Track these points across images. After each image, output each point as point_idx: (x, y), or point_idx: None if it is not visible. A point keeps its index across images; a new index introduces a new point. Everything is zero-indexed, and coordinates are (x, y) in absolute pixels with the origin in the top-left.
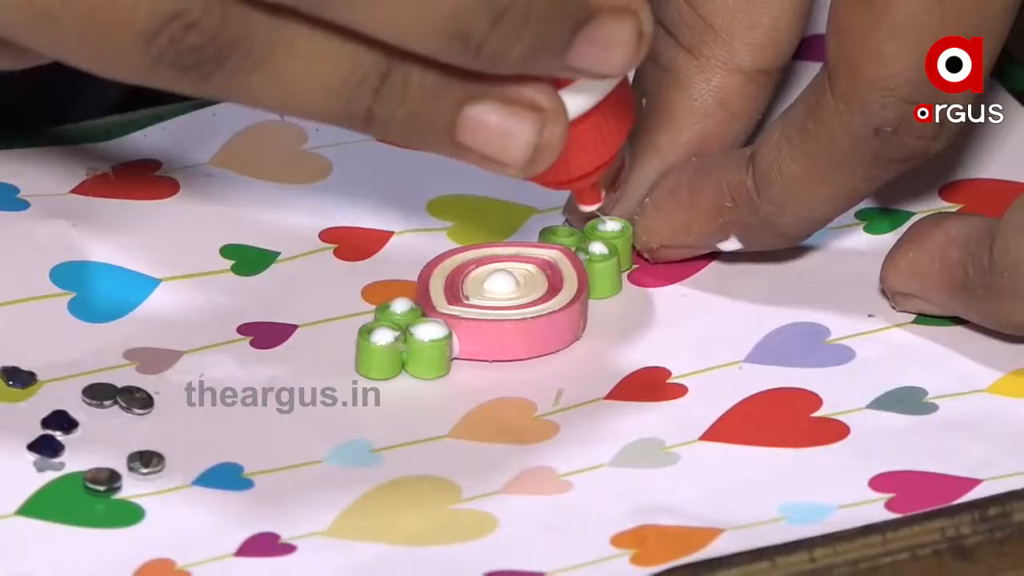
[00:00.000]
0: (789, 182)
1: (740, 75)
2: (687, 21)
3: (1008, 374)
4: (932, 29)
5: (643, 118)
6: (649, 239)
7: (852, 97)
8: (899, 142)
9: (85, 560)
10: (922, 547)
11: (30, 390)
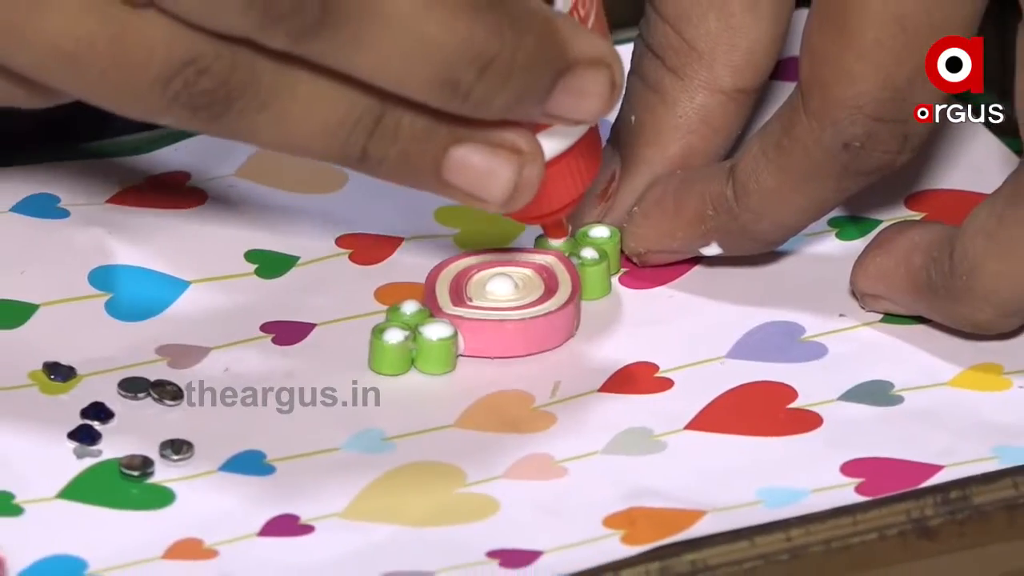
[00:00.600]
0: (765, 192)
1: (721, 94)
2: (672, 44)
3: (968, 369)
4: (896, 53)
5: (633, 134)
6: (637, 244)
7: (823, 114)
8: (866, 156)
9: (120, 539)
10: (889, 528)
11: (70, 383)
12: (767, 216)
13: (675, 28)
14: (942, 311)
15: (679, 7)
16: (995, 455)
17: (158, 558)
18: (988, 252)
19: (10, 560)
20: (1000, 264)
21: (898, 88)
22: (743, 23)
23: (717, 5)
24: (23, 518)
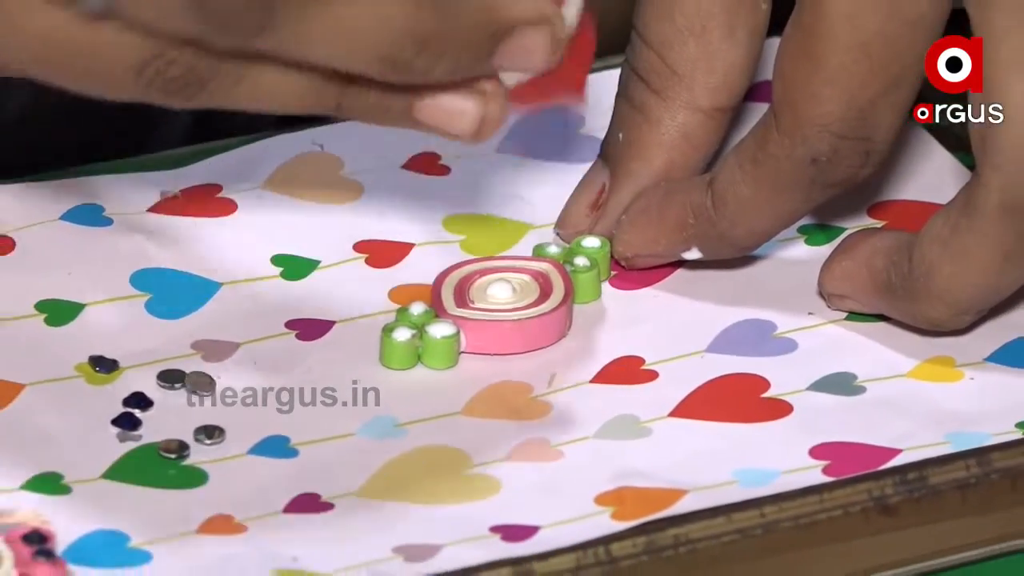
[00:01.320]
0: (741, 202)
1: (700, 113)
2: (655, 68)
3: (924, 362)
4: (860, 78)
5: (620, 150)
6: (625, 250)
7: (794, 132)
8: (832, 170)
9: (159, 515)
10: (853, 505)
11: (113, 375)
12: (742, 223)
13: (658, 53)
14: (901, 310)
15: (663, 34)
16: (948, 440)
17: (193, 532)
18: (942, 257)
19: (59, 535)
20: (953, 267)
21: (861, 109)
22: (720, 49)
23: (697, 33)
24: (71, 497)
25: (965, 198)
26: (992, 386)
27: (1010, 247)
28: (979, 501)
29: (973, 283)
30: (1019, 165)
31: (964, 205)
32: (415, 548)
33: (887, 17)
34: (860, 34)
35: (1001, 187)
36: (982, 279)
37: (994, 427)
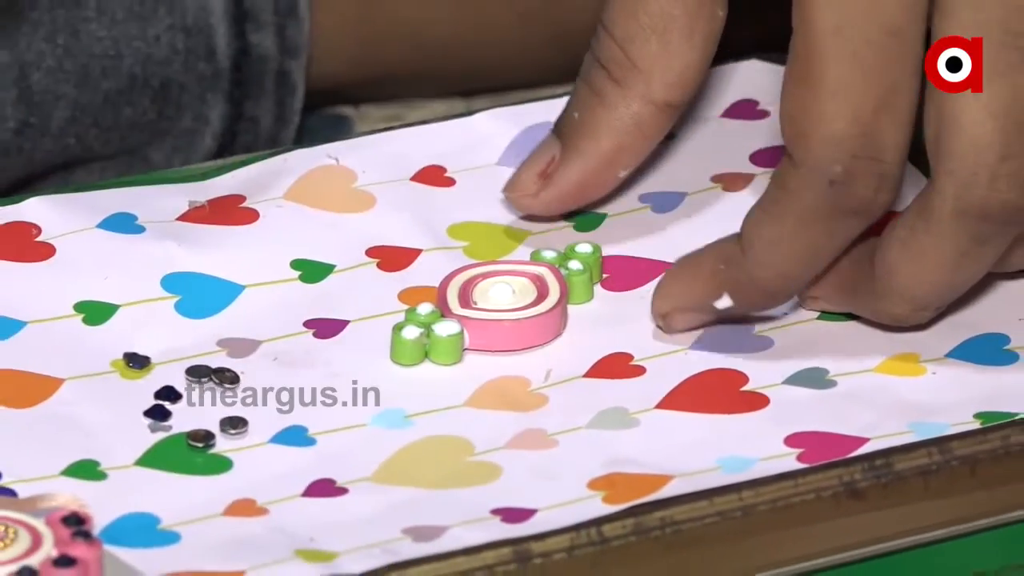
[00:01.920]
0: (767, 242)
1: (653, 105)
2: (617, 60)
3: (889, 358)
4: (859, 89)
5: (573, 128)
6: (662, 304)
7: (808, 159)
8: (849, 192)
9: (187, 499)
10: (824, 490)
11: (145, 370)
12: (770, 264)
13: (622, 47)
14: (867, 307)
15: (627, 31)
16: (911, 430)
17: (219, 515)
18: (902, 257)
19: (95, 517)
20: (912, 267)
21: (866, 123)
22: (679, 49)
23: (659, 32)
24: (106, 482)
25: (922, 203)
26: (952, 380)
27: (964, 247)
28: (940, 486)
29: (931, 281)
30: (971, 172)
31: (921, 209)
32: (422, 529)
33: (870, 27)
34: (849, 44)
35: (955, 193)
36: (939, 277)
37: (954, 418)
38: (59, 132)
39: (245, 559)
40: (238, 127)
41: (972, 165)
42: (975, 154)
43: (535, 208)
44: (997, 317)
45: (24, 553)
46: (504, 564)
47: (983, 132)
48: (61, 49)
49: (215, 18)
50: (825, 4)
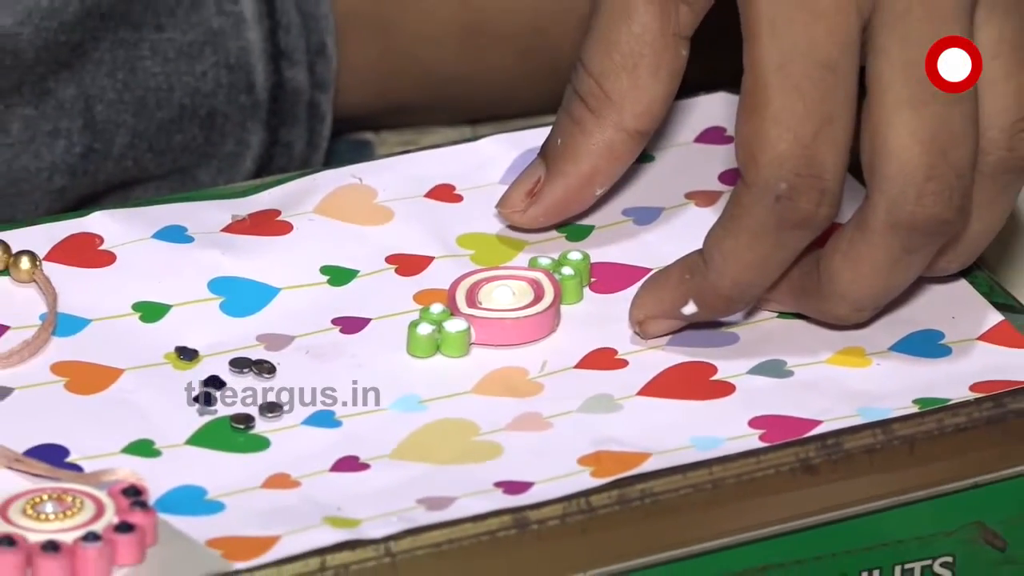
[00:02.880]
0: (724, 253)
1: (624, 133)
2: (594, 92)
3: (839, 351)
4: (800, 116)
5: (557, 152)
6: (637, 312)
7: (757, 179)
8: (793, 206)
9: (230, 473)
10: (783, 466)
11: (194, 362)
12: (728, 274)
13: (598, 81)
14: (813, 309)
15: (602, 67)
16: (858, 414)
17: (258, 487)
18: (843, 264)
19: (150, 489)
20: (851, 272)
21: (807, 146)
22: (647, 84)
23: (629, 69)
24: (160, 459)
25: (859, 217)
26: (894, 370)
27: (896, 255)
28: (883, 462)
29: (868, 285)
30: (901, 190)
31: (858, 223)
32: (434, 499)
33: (809, 63)
34: (791, 78)
35: (887, 208)
36: (874, 281)
37: (895, 403)
38: (119, 155)
39: (281, 525)
40: (274, 151)
41: (901, 184)
42: (904, 175)
43: (523, 222)
44: (933, 316)
45: (89, 520)
46: (505, 530)
47: (911, 156)
48: (121, 84)
49: (254, 57)
50: (770, 44)
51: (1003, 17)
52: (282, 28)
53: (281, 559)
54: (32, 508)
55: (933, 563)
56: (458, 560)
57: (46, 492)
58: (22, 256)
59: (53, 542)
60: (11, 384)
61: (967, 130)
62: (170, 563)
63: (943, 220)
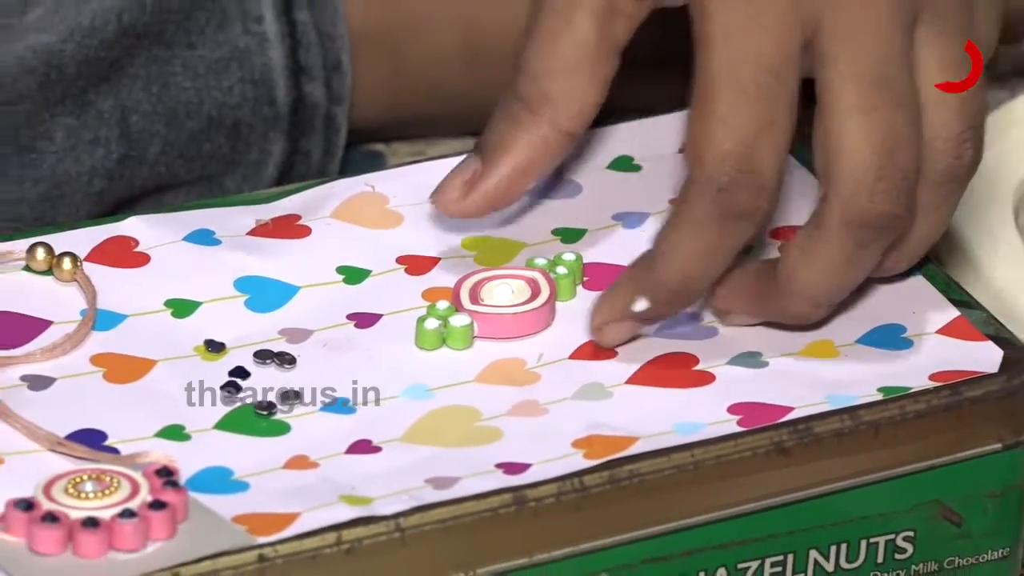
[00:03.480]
0: (670, 245)
1: (559, 132)
2: (533, 93)
3: (810, 344)
4: (744, 118)
5: (493, 145)
6: (594, 319)
7: (702, 175)
8: (733, 198)
9: (254, 455)
10: (759, 448)
11: (222, 354)
12: (674, 266)
13: (537, 83)
14: (771, 309)
15: (543, 70)
16: (827, 401)
17: (279, 468)
18: (799, 263)
19: (181, 470)
20: (808, 271)
21: (749, 145)
22: (584, 89)
23: (568, 74)
24: (190, 442)
25: (814, 217)
26: (860, 361)
27: (849, 251)
28: (850, 445)
29: (824, 281)
30: (853, 189)
31: (815, 222)
32: (440, 479)
33: (754, 70)
34: (737, 83)
35: (841, 206)
36: (830, 277)
37: (861, 391)
38: (153, 162)
39: (300, 503)
40: (294, 159)
41: (854, 184)
42: (856, 175)
43: (457, 212)
44: (895, 311)
45: (125, 498)
46: (505, 507)
47: (862, 158)
48: (155, 97)
49: (276, 73)
50: (719, 52)
51: (943, 37)
52: (302, 47)
53: (300, 534)
54: (73, 487)
55: (896, 537)
56: (462, 535)
57: (86, 473)
58: (64, 257)
59: (92, 518)
60: (54, 374)
61: (912, 134)
62: (199, 537)
63: (893, 216)
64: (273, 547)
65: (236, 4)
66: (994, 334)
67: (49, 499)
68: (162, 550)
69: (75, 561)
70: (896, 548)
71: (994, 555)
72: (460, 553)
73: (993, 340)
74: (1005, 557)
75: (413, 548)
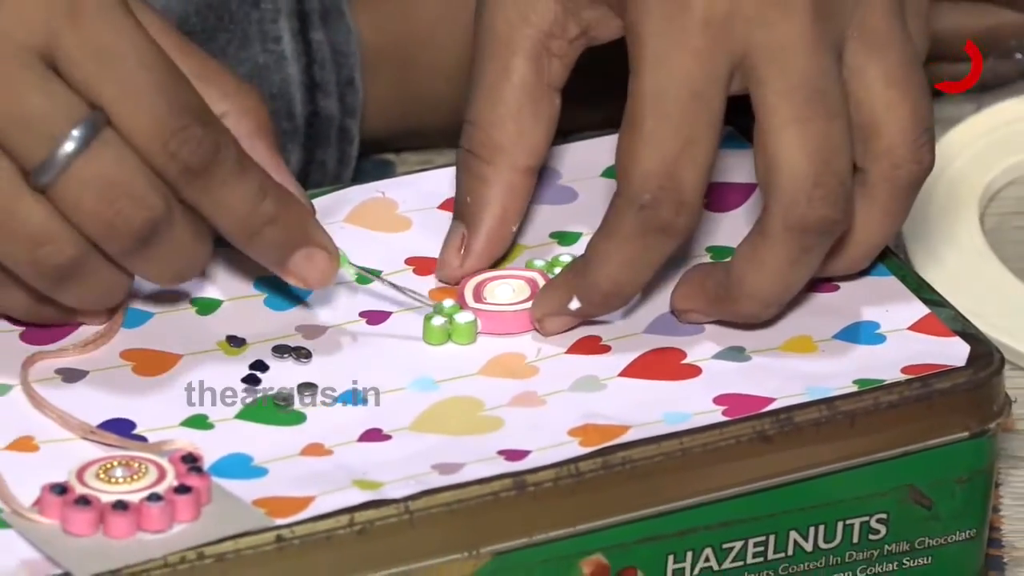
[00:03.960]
0: (600, 253)
1: (518, 172)
2: (485, 143)
3: (790, 339)
4: (667, 136)
5: (470, 208)
6: (535, 310)
7: (627, 191)
8: (655, 215)
9: (272, 443)
10: (742, 436)
11: (243, 348)
12: (603, 272)
13: (487, 133)
14: (726, 311)
15: (490, 119)
16: (806, 392)
17: (296, 455)
18: (748, 267)
19: (205, 457)
20: (756, 274)
21: (671, 164)
22: (530, 128)
23: (514, 117)
24: (214, 431)
25: (759, 224)
26: (837, 355)
27: (793, 254)
28: (828, 434)
29: (771, 283)
30: (792, 197)
31: (759, 229)
32: (446, 465)
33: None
34: (662, 105)
35: (782, 213)
36: (776, 279)
37: (838, 383)
38: None
39: (315, 487)
40: (310, 168)
41: (793, 192)
42: (794, 183)
43: (463, 275)
44: (870, 309)
45: (152, 483)
46: (506, 491)
47: (800, 167)
48: None
49: (294, 88)
50: (648, 76)
51: (883, 51)
52: (317, 64)
53: (316, 516)
54: (104, 473)
55: (870, 519)
56: (466, 517)
57: (116, 459)
58: None
59: (122, 501)
60: (87, 368)
61: (845, 142)
62: (221, 519)
63: (832, 220)
64: (290, 528)
65: (256, 25)
66: (961, 330)
67: (82, 484)
68: (187, 531)
69: (105, 541)
70: (870, 529)
71: (961, 536)
72: (464, 534)
73: (961, 336)
74: (972, 538)
75: (421, 529)
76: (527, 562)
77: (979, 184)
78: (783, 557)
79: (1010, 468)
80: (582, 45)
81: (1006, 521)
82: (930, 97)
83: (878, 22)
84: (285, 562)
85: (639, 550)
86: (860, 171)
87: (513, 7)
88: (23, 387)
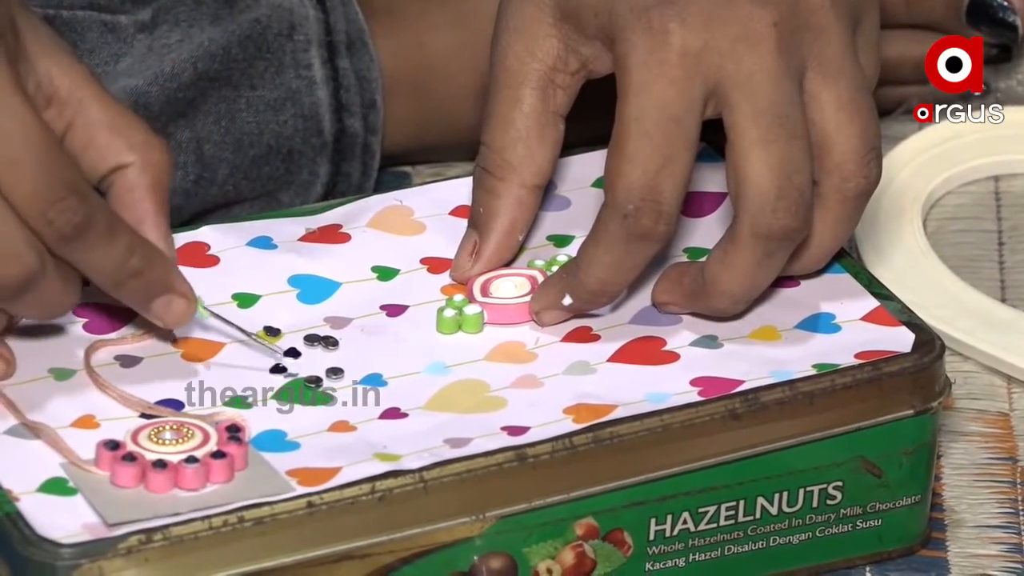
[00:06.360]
0: (589, 254)
1: (526, 188)
2: (498, 163)
3: (757, 328)
4: (648, 154)
5: (482, 218)
6: (534, 304)
7: (613, 202)
8: (636, 223)
9: (304, 421)
10: (715, 414)
11: (278, 337)
12: (591, 273)
13: (500, 154)
14: (700, 306)
15: (502, 142)
16: (771, 375)
17: (324, 431)
18: (719, 268)
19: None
20: (726, 274)
21: (651, 178)
22: (536, 149)
23: (523, 139)
24: (253, 410)
25: (729, 232)
26: (798, 343)
27: (759, 258)
28: (789, 412)
29: (740, 282)
30: (759, 207)
31: (729, 236)
32: (456, 440)
33: (660, 116)
34: (644, 127)
35: (749, 222)
36: (744, 279)
37: (798, 367)
38: (222, 183)
39: (341, 459)
40: (337, 179)
41: (759, 203)
42: (761, 196)
43: (473, 276)
44: (827, 302)
45: (195, 447)
46: (509, 462)
47: (764, 181)
48: (223, 129)
49: (323, 109)
50: (631, 102)
51: (836, 80)
52: (343, 88)
53: (341, 484)
54: (155, 435)
55: (827, 487)
56: (474, 485)
57: (169, 423)
58: None
59: (162, 460)
60: (142, 354)
61: (805, 160)
62: (252, 484)
63: (793, 228)
64: (319, 495)
65: (290, 54)
66: (907, 320)
67: (134, 443)
68: (218, 491)
69: (145, 494)
70: (827, 496)
71: (908, 501)
72: (473, 500)
73: (906, 326)
74: (917, 503)
75: (434, 496)
76: (527, 524)
77: (922, 193)
78: (751, 520)
79: (950, 442)
80: (583, 77)
81: (946, 488)
82: (876, 119)
83: (832, 54)
84: (315, 525)
85: (625, 514)
86: (816, 184)
87: (522, 45)
88: (87, 371)
